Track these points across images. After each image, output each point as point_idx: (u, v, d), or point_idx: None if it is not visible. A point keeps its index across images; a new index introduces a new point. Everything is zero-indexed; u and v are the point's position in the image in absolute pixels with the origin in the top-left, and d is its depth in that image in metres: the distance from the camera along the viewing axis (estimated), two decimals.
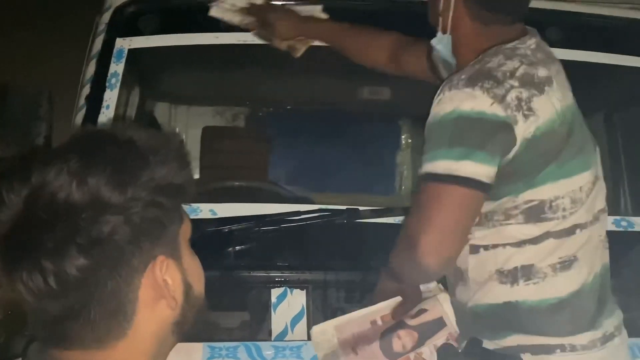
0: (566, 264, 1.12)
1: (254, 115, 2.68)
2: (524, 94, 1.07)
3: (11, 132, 1.51)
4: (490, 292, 1.16)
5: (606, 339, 1.15)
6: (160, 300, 0.70)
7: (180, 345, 1.28)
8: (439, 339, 1.30)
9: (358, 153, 2.66)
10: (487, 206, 1.12)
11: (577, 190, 1.13)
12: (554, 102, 1.11)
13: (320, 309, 1.39)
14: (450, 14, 1.18)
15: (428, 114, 1.13)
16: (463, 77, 1.09)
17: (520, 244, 1.12)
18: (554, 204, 1.11)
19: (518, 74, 1.09)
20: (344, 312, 1.38)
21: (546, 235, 1.12)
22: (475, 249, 1.16)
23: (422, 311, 1.34)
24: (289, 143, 2.66)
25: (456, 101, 1.06)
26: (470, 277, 1.18)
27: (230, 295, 1.40)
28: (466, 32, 1.18)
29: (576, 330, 1.14)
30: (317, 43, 1.67)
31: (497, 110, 1.05)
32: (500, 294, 1.14)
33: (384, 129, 2.73)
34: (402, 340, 1.29)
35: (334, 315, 1.39)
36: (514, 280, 1.13)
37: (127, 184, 0.65)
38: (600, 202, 1.20)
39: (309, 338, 1.34)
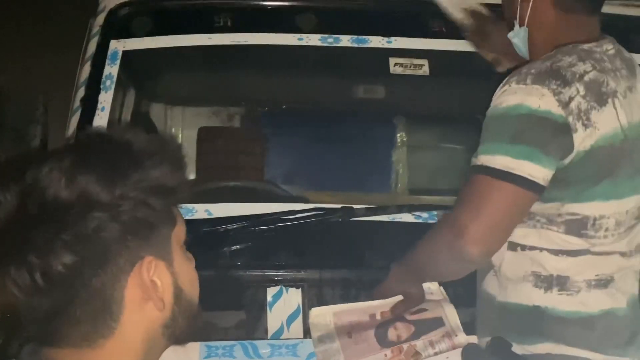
0: (602, 283, 1.12)
1: (250, 116, 2.68)
2: (584, 105, 1.05)
3: (7, 135, 1.52)
4: (522, 293, 1.15)
5: None
6: (147, 301, 0.70)
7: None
8: (435, 336, 1.32)
9: (353, 151, 2.66)
10: (533, 206, 1.11)
11: (623, 214, 1.11)
12: (619, 116, 1.08)
13: (316, 307, 1.40)
14: (531, 3, 1.16)
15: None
16: (533, 71, 1.08)
17: (558, 252, 1.11)
18: (597, 222, 1.09)
19: (586, 78, 1.07)
20: None
21: (584, 252, 1.11)
22: (513, 246, 1.15)
23: (423, 310, 1.36)
24: (285, 142, 2.66)
25: (522, 96, 1.05)
26: (502, 272, 1.17)
27: (227, 295, 1.41)
28: (545, 21, 1.16)
29: (605, 348, 1.13)
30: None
31: (562, 112, 1.04)
32: (532, 296, 1.14)
33: (379, 127, 2.73)
34: (398, 331, 1.31)
35: None
36: (548, 287, 1.12)
37: (116, 183, 0.66)
38: None
39: (305, 336, 1.36)
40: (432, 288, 1.38)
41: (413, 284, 1.29)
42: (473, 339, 1.27)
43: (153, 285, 0.70)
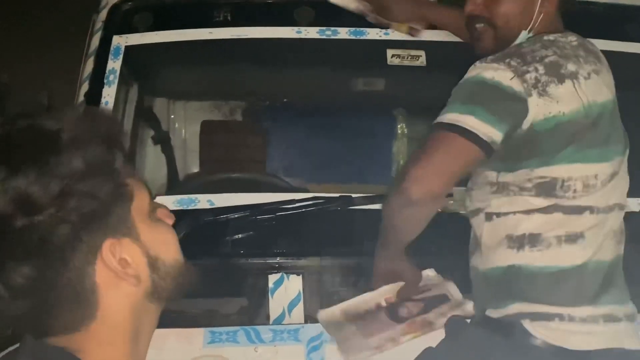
0: (571, 238, 1.18)
1: (251, 109, 2.70)
2: (544, 78, 1.16)
3: None
4: (498, 256, 1.23)
5: (609, 318, 1.18)
6: (121, 280, 0.70)
7: (181, 330, 1.33)
8: (444, 308, 1.36)
9: (354, 144, 2.68)
10: (504, 177, 1.21)
11: (592, 177, 1.19)
12: (580, 95, 1.17)
13: (316, 293, 1.43)
14: (542, 15, 1.29)
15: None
16: (497, 54, 1.22)
17: (529, 212, 1.19)
18: (565, 183, 1.18)
19: (547, 60, 1.19)
20: (339, 296, 1.44)
21: (555, 208, 1.18)
22: (489, 217, 1.24)
23: (427, 289, 1.40)
24: (286, 135, 2.68)
25: (480, 69, 1.19)
26: (483, 242, 1.25)
27: (229, 282, 1.45)
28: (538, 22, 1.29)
29: (575, 302, 1.18)
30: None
31: (514, 84, 1.16)
32: (506, 257, 1.21)
33: (379, 119, 2.74)
34: (409, 308, 1.37)
35: (329, 298, 1.44)
36: (520, 246, 1.19)
37: (52, 181, 0.64)
38: (618, 197, 1.24)
39: (305, 321, 1.39)
40: (430, 275, 1.43)
41: (400, 264, 1.34)
42: None
43: (123, 263, 0.69)
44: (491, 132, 1.14)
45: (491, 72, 1.17)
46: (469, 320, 1.31)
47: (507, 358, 1.18)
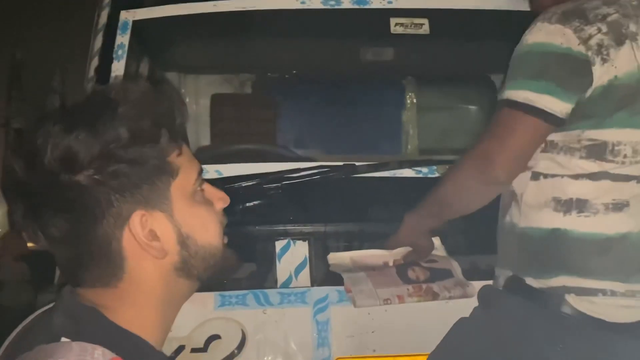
0: (618, 206, 1.17)
1: (261, 82, 2.72)
2: (606, 41, 1.14)
3: (27, 105, 1.60)
4: (543, 217, 1.20)
5: None
6: (146, 251, 0.73)
7: (193, 294, 1.39)
8: (448, 283, 1.40)
9: (364, 114, 2.69)
10: (554, 136, 1.19)
11: None
12: (637, 57, 1.15)
13: (322, 258, 1.47)
14: None
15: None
16: (559, 11, 1.17)
17: (578, 176, 1.18)
18: (616, 148, 1.16)
19: (609, 19, 1.16)
20: None
21: (603, 175, 1.17)
22: (536, 176, 1.22)
23: (433, 260, 1.44)
24: (296, 107, 2.69)
25: (546, 34, 1.16)
26: (525, 200, 1.23)
27: (238, 248, 1.49)
28: None
29: (618, 275, 1.17)
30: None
31: (582, 49, 1.13)
32: (552, 219, 1.19)
33: (388, 89, 2.74)
34: (416, 272, 1.41)
35: None
36: (567, 210, 1.18)
37: (96, 143, 0.69)
38: None
39: (312, 285, 1.44)
40: (436, 244, 1.46)
41: (424, 234, 1.37)
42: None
43: (151, 235, 0.73)
44: (565, 108, 1.14)
45: (558, 37, 1.14)
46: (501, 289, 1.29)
47: (547, 329, 1.18)
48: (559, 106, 1.14)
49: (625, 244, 1.18)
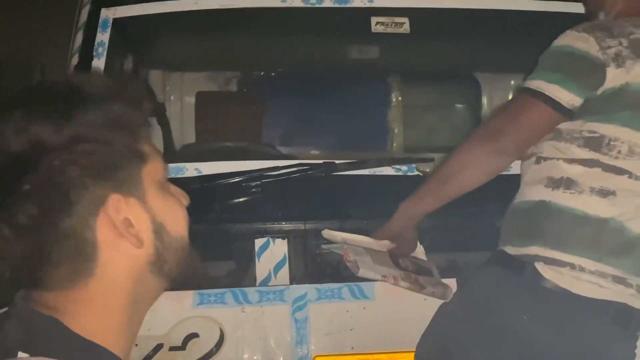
0: (604, 192, 1.23)
1: (246, 79, 2.72)
2: (625, 52, 1.24)
3: None
4: (533, 191, 1.30)
5: (620, 280, 1.22)
6: (122, 239, 0.69)
7: (171, 293, 1.39)
8: (432, 281, 1.42)
9: (349, 112, 2.69)
10: (561, 125, 1.28)
11: (639, 147, 1.24)
12: None
13: (301, 256, 1.49)
14: None
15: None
16: (589, 24, 1.31)
17: (572, 161, 1.27)
18: (612, 143, 1.24)
19: (632, 37, 1.26)
20: (323, 259, 1.49)
21: (595, 163, 1.25)
22: (538, 160, 1.32)
23: (416, 258, 1.45)
24: (281, 105, 2.69)
25: (571, 38, 1.28)
26: (524, 180, 1.34)
27: (218, 246, 1.50)
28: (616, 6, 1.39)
29: (591, 253, 1.22)
30: None
31: (599, 55, 1.24)
32: (540, 192, 1.29)
33: (373, 87, 2.75)
34: (406, 262, 1.43)
35: (313, 261, 1.49)
36: (556, 186, 1.27)
37: (68, 124, 0.66)
38: None
39: (291, 283, 1.45)
40: (418, 250, 1.48)
41: (413, 227, 1.40)
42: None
43: (127, 223, 0.69)
44: (573, 100, 1.24)
45: (580, 42, 1.26)
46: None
47: (516, 294, 1.25)
48: (566, 96, 1.23)
49: (604, 227, 1.23)
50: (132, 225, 0.69)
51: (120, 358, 0.71)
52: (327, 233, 1.43)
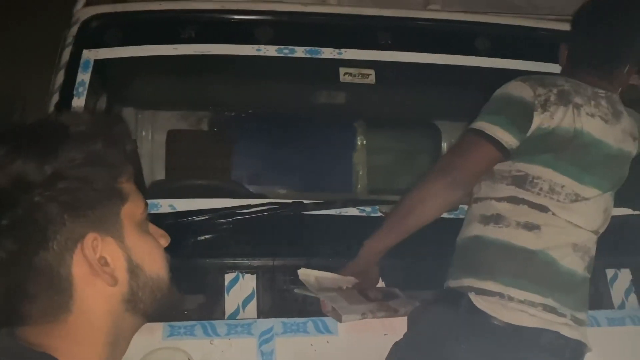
0: (528, 226, 1.38)
1: (217, 119, 2.79)
2: (552, 99, 1.40)
3: None
4: (469, 228, 1.45)
5: (550, 309, 1.32)
6: (97, 277, 0.70)
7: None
8: (400, 302, 1.52)
9: (316, 153, 2.79)
10: (495, 166, 1.42)
11: (558, 185, 1.39)
12: (574, 120, 1.39)
13: (269, 291, 1.54)
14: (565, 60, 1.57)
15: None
16: (525, 76, 1.46)
17: (501, 199, 1.41)
18: (535, 181, 1.39)
19: (561, 88, 1.42)
20: (291, 294, 1.55)
21: (522, 201, 1.39)
22: (475, 200, 1.47)
23: (380, 288, 1.56)
24: (251, 145, 2.77)
25: (511, 87, 1.44)
26: (465, 219, 1.48)
27: (188, 280, 1.54)
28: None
29: (517, 283, 1.33)
30: None
31: (531, 99, 1.39)
32: (474, 229, 1.43)
33: (340, 130, 2.87)
34: (374, 293, 1.52)
35: (281, 296, 1.55)
36: (487, 222, 1.41)
37: (49, 162, 0.67)
38: (584, 221, 1.41)
39: (258, 316, 1.50)
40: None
41: (376, 265, 1.49)
42: None
43: (102, 261, 0.70)
44: (511, 140, 1.38)
45: (517, 89, 1.42)
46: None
47: (455, 324, 1.35)
48: (506, 137, 1.37)
49: (533, 258, 1.36)
50: (107, 264, 0.71)
51: None
52: (303, 273, 1.49)
